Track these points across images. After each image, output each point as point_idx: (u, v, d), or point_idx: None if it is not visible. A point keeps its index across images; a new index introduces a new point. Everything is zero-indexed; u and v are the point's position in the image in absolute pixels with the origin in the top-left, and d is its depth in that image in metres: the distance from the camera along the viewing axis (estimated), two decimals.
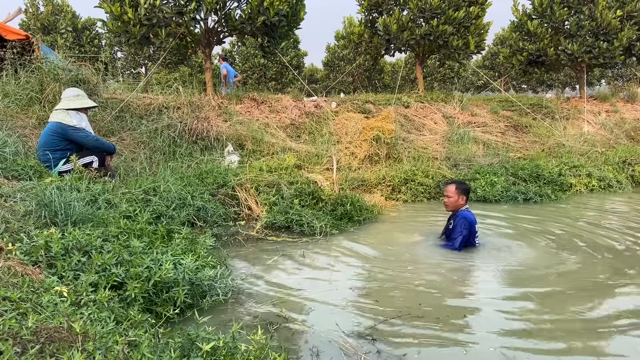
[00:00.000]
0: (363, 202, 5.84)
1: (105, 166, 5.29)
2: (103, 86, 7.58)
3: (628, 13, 11.23)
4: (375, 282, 3.61)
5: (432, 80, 23.59)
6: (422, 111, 10.42)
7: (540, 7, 11.67)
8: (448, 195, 4.54)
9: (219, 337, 2.09)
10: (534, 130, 10.47)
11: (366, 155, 8.11)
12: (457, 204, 4.51)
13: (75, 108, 5.17)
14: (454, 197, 4.50)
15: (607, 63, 11.78)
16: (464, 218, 4.38)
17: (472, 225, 4.40)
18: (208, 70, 9.95)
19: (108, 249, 2.91)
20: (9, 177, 4.32)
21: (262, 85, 20.12)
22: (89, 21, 19.13)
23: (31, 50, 7.54)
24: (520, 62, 12.62)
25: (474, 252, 4.35)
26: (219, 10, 8.87)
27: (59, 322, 1.91)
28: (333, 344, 2.56)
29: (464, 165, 8.15)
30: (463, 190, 4.54)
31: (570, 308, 3.05)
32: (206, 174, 5.99)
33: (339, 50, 21.58)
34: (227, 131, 7.93)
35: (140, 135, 7.03)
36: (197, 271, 3.04)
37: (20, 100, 6.48)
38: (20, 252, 2.60)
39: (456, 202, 4.50)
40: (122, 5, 8.26)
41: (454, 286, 3.51)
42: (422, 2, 10.65)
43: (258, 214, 5.53)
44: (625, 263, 4.03)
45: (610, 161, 8.71)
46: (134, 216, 4.08)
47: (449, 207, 4.57)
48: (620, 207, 6.63)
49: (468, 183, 5.80)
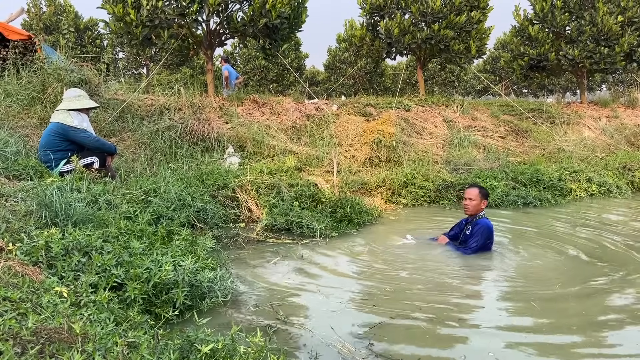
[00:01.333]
0: (363, 205, 5.85)
1: (106, 167, 5.30)
2: (104, 87, 7.59)
3: (629, 19, 11.25)
4: (374, 285, 3.61)
5: (433, 84, 23.62)
6: (423, 115, 10.43)
7: (542, 12, 11.70)
8: (471, 199, 4.47)
9: (218, 339, 2.09)
10: (535, 134, 10.47)
11: (366, 158, 8.12)
12: (478, 207, 4.46)
13: (77, 109, 5.19)
14: (476, 200, 4.45)
15: (607, 68, 11.80)
16: (487, 228, 4.37)
17: (492, 233, 4.42)
18: (209, 71, 9.97)
19: (108, 249, 2.91)
20: (10, 176, 4.33)
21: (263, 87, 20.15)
22: (91, 22, 19.17)
23: (33, 50, 7.56)
24: (521, 67, 12.64)
25: (475, 256, 4.34)
26: (221, 12, 8.89)
27: (58, 322, 1.92)
28: (331, 347, 2.56)
29: (464, 169, 8.16)
30: (485, 195, 4.53)
31: (570, 314, 3.06)
32: (207, 175, 6.00)
33: (341, 53, 21.61)
34: (228, 133, 7.94)
35: (141, 136, 7.04)
36: (197, 273, 3.04)
37: (22, 100, 6.50)
38: (21, 252, 2.60)
39: (478, 206, 4.46)
40: (125, 6, 8.29)
41: (454, 290, 3.51)
42: (423, 6, 10.68)
43: (258, 215, 5.54)
44: (625, 268, 4.03)
45: (610, 166, 8.71)
46: (134, 217, 4.08)
47: (470, 210, 4.49)
48: (620, 212, 6.63)
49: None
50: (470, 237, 4.41)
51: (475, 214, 4.49)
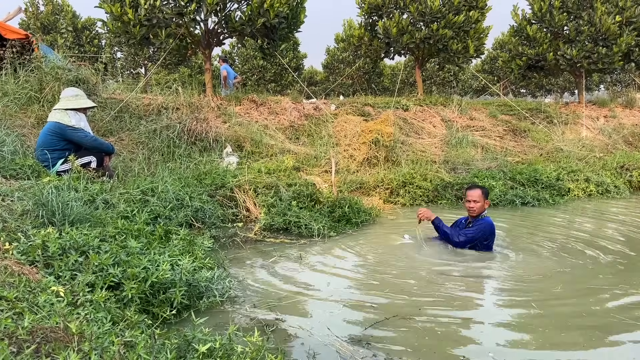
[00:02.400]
0: (361, 205, 5.84)
1: (103, 166, 5.28)
2: (102, 86, 7.59)
3: (627, 19, 11.27)
4: (373, 285, 3.61)
5: (432, 84, 23.65)
6: (421, 114, 10.44)
7: (540, 12, 11.71)
8: (475, 200, 4.40)
9: (215, 339, 2.08)
10: (533, 134, 10.49)
11: (365, 158, 8.11)
12: (482, 208, 4.43)
13: (74, 108, 5.17)
14: (480, 201, 4.40)
15: (605, 68, 11.82)
16: (488, 224, 4.37)
17: (493, 231, 4.41)
18: (208, 71, 9.97)
19: (105, 249, 2.90)
20: (7, 176, 4.32)
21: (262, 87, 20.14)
22: (89, 21, 19.14)
23: (31, 49, 7.54)
24: (520, 67, 12.65)
25: (475, 256, 4.34)
26: (219, 11, 8.89)
27: (55, 322, 1.91)
28: (329, 347, 2.56)
29: (462, 169, 8.16)
30: (487, 194, 4.50)
31: (570, 315, 3.04)
32: (204, 175, 5.99)
33: (339, 52, 21.62)
34: (226, 132, 7.93)
35: (139, 135, 7.02)
36: (195, 272, 3.03)
37: (19, 100, 6.48)
38: (18, 252, 2.59)
39: (482, 207, 4.43)
40: (123, 5, 8.27)
41: (453, 290, 3.50)
42: (422, 6, 10.68)
43: (256, 215, 5.53)
44: (623, 268, 4.04)
45: (608, 166, 8.72)
46: (132, 216, 4.07)
47: (475, 212, 4.43)
48: (617, 212, 6.64)
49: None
50: (470, 228, 4.43)
51: (479, 214, 4.48)
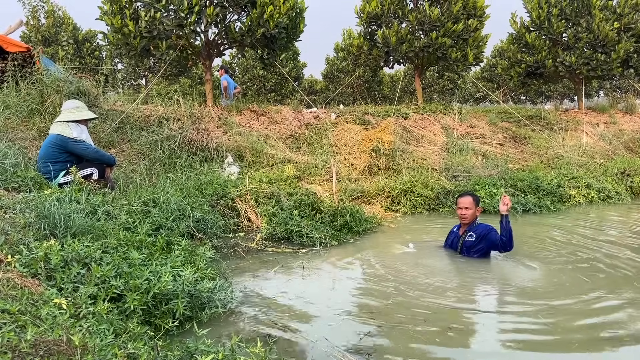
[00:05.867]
0: (362, 213, 5.84)
1: (105, 178, 5.30)
2: (103, 98, 7.63)
3: (625, 25, 11.33)
4: (375, 294, 3.60)
5: (431, 92, 23.71)
6: (421, 122, 10.46)
7: (538, 19, 11.78)
8: (467, 207, 4.45)
9: (218, 350, 2.08)
10: (533, 141, 10.50)
11: (365, 167, 8.13)
12: (474, 215, 4.48)
13: (76, 120, 5.20)
14: (472, 208, 4.46)
15: (604, 75, 11.87)
16: (490, 226, 4.38)
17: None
18: (208, 81, 10.02)
19: (107, 260, 2.90)
20: (9, 188, 4.33)
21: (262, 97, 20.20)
22: (89, 33, 19.25)
23: (32, 62, 7.60)
24: (519, 74, 12.71)
25: (476, 265, 4.33)
26: (219, 22, 8.96)
27: (58, 334, 1.91)
28: (332, 357, 2.55)
29: (463, 177, 8.17)
30: (478, 201, 4.55)
31: (575, 324, 3.02)
32: (206, 185, 6.00)
33: (339, 62, 21.73)
34: (226, 142, 7.96)
35: (140, 146, 7.05)
36: (197, 283, 3.03)
37: (21, 112, 6.52)
38: (20, 264, 2.59)
39: (474, 213, 4.48)
40: (123, 17, 8.34)
41: (456, 300, 3.48)
42: (421, 15, 10.75)
43: (258, 225, 5.53)
44: (625, 275, 4.02)
45: (609, 172, 8.72)
46: (134, 228, 4.08)
47: (467, 219, 4.48)
48: (619, 218, 6.63)
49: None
50: (478, 241, 4.38)
51: (472, 221, 4.51)
